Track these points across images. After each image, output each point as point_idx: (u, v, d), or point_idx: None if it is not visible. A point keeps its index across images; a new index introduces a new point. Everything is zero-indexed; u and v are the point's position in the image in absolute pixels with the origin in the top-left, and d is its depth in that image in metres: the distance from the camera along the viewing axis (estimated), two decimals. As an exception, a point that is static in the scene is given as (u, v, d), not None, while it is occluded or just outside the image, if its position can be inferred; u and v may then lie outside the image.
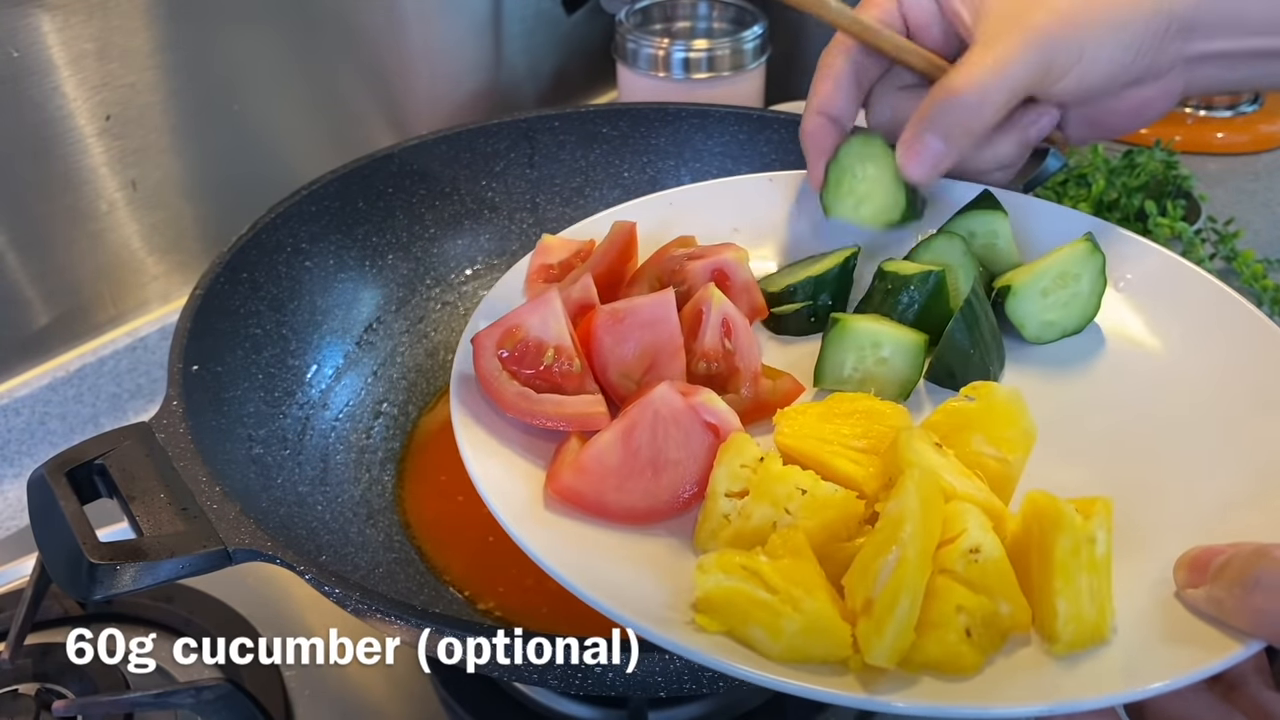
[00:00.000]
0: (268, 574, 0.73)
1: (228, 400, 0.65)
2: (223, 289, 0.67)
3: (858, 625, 0.36)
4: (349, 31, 0.95)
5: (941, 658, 0.36)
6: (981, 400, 0.42)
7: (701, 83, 1.02)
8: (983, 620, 0.36)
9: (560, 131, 0.85)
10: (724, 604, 0.37)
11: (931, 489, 0.36)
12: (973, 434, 0.42)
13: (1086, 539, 0.36)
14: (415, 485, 0.72)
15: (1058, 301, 0.52)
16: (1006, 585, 0.37)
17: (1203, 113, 1.23)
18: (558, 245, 0.54)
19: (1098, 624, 0.37)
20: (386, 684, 0.69)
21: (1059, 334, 0.52)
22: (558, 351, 0.45)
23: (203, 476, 0.53)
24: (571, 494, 0.42)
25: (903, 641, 0.35)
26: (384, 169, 0.79)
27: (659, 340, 0.46)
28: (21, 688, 0.65)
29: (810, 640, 0.36)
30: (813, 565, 0.38)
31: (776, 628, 0.36)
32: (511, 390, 0.44)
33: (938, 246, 0.54)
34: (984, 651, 0.36)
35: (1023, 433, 0.42)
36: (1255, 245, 1.02)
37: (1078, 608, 0.36)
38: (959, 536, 0.37)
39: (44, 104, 0.79)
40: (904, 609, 0.35)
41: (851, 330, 0.49)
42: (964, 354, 0.49)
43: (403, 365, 0.78)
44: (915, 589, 0.35)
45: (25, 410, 0.85)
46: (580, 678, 0.50)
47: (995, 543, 0.37)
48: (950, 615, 0.36)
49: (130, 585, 0.48)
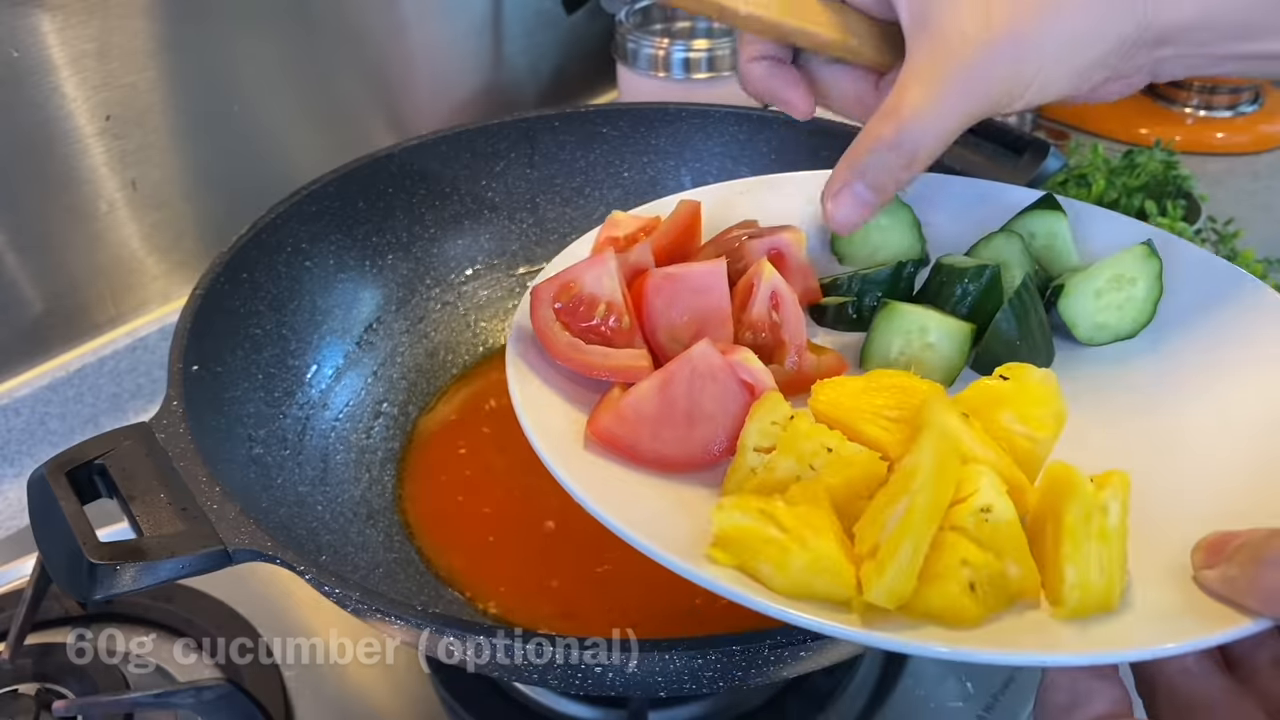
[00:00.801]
0: (268, 574, 0.73)
1: (228, 400, 0.65)
2: (223, 289, 0.67)
3: (862, 567, 0.37)
4: (349, 32, 0.95)
5: (943, 607, 0.36)
6: (1015, 380, 0.43)
7: (701, 83, 1.02)
8: (988, 577, 0.37)
9: (560, 131, 0.85)
10: (737, 540, 0.38)
11: (947, 447, 0.37)
12: (1003, 411, 0.42)
13: (1099, 508, 0.37)
14: (415, 485, 0.72)
15: (1112, 304, 0.52)
16: (1016, 547, 0.38)
17: (1203, 113, 1.24)
18: (625, 220, 0.55)
19: (1106, 592, 0.37)
20: (386, 684, 0.69)
21: (1112, 337, 0.52)
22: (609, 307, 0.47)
23: (203, 476, 0.53)
24: (609, 437, 0.44)
25: (903, 585, 0.36)
26: (384, 169, 0.79)
27: (708, 306, 0.48)
28: (22, 688, 0.65)
29: (815, 576, 0.37)
30: (826, 512, 0.39)
31: (784, 563, 0.37)
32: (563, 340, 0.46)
33: (997, 244, 0.54)
34: (987, 607, 0.37)
35: (1054, 414, 0.43)
36: (1255, 245, 1.02)
37: (1085, 574, 0.37)
38: (971, 496, 0.38)
39: (44, 104, 0.79)
40: (906, 553, 0.36)
41: (900, 314, 0.50)
42: (1010, 345, 0.50)
43: (403, 365, 0.78)
44: (919, 537, 0.36)
45: (25, 410, 0.85)
46: (580, 678, 0.50)
47: (1007, 505, 0.38)
48: (954, 568, 0.37)
49: (130, 585, 0.48)
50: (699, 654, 0.47)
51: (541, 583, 0.65)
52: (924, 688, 0.67)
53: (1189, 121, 1.23)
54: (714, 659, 0.48)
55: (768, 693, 0.67)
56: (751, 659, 0.48)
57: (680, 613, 0.63)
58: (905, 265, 0.53)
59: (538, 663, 0.49)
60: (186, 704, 0.62)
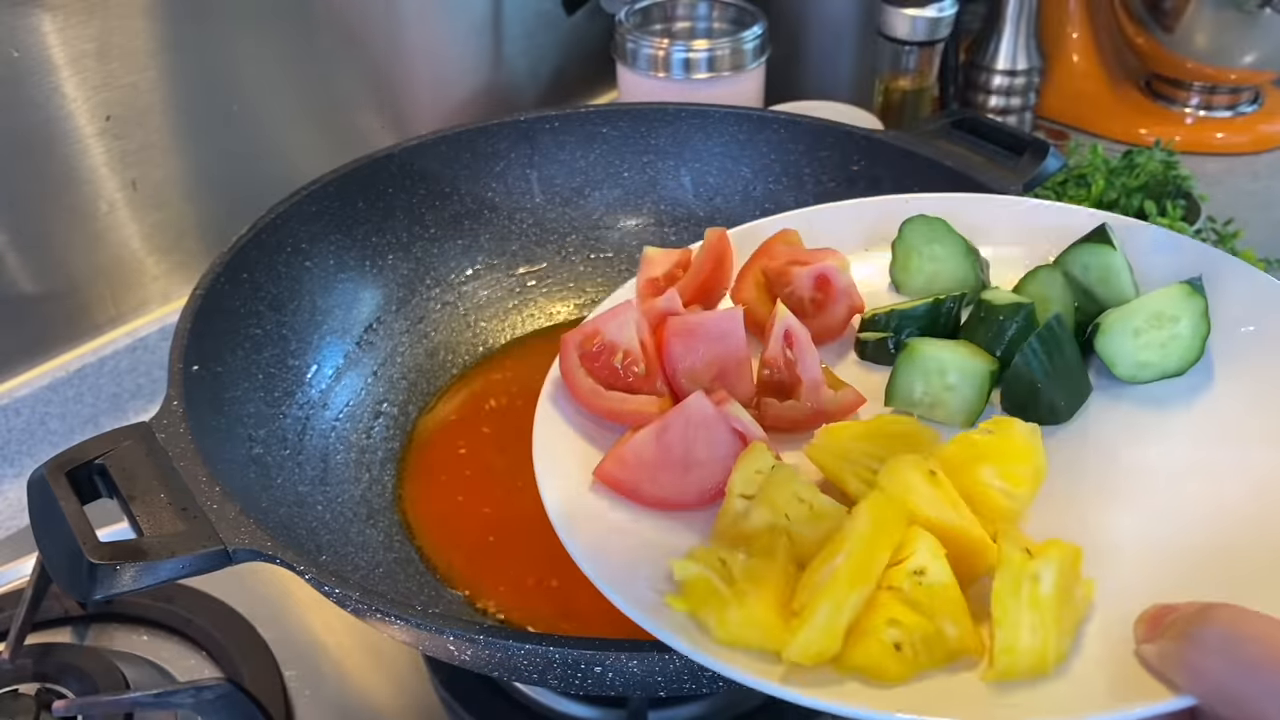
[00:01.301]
0: (268, 574, 0.73)
1: (228, 400, 0.65)
2: (223, 289, 0.67)
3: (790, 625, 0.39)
4: (349, 32, 0.95)
5: (865, 664, 0.38)
6: (998, 434, 0.44)
7: (701, 83, 1.02)
8: (921, 638, 0.38)
9: (560, 131, 0.85)
10: (693, 589, 0.41)
11: (886, 511, 0.39)
12: (984, 466, 0.43)
13: (1029, 576, 0.38)
14: (415, 485, 0.72)
15: (1153, 342, 0.50)
16: (953, 609, 0.39)
17: (1202, 113, 1.24)
18: (659, 258, 0.57)
19: (1039, 657, 0.38)
20: (387, 684, 0.69)
21: (1157, 375, 0.50)
22: (626, 355, 0.50)
23: (203, 476, 0.53)
24: (611, 480, 0.47)
25: (820, 644, 0.38)
26: (384, 169, 0.79)
27: (726, 351, 0.50)
28: (22, 688, 0.65)
29: (747, 630, 0.39)
30: (777, 566, 0.41)
31: (723, 616, 0.40)
32: (585, 385, 0.50)
33: (1041, 279, 0.53)
34: (914, 666, 0.38)
35: (1033, 470, 0.44)
36: (1255, 245, 1.02)
37: (1013, 639, 0.38)
38: (909, 558, 0.39)
39: (44, 104, 0.79)
40: (823, 614, 0.38)
41: (920, 355, 0.49)
42: (1030, 385, 0.49)
43: (403, 365, 0.78)
44: (839, 598, 0.38)
45: (25, 410, 0.85)
46: (580, 678, 0.50)
47: (943, 568, 0.39)
48: (881, 627, 0.38)
49: (130, 585, 0.48)
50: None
51: (541, 583, 0.66)
52: (924, 688, 0.67)
53: (1188, 121, 1.23)
54: (714, 659, 0.48)
55: (767, 694, 0.67)
56: (751, 659, 0.48)
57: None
58: (945, 301, 0.52)
59: (537, 663, 0.49)
60: (186, 704, 0.62)
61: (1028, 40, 1.17)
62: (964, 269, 0.55)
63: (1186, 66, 1.20)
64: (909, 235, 0.55)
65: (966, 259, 0.55)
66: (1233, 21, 1.14)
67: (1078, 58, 1.25)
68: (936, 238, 0.55)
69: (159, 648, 0.71)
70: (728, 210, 0.86)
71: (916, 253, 0.55)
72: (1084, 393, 0.50)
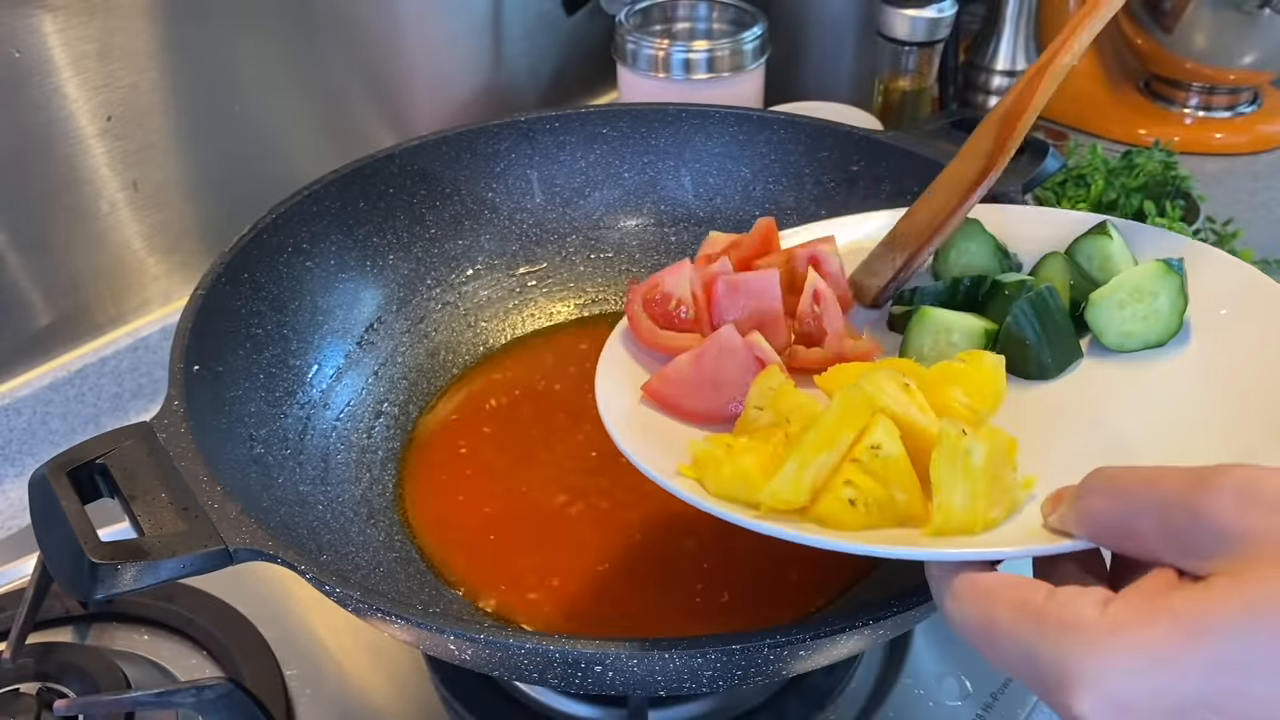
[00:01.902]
0: (269, 573, 0.73)
1: (229, 400, 0.65)
2: (224, 289, 0.67)
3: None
4: (350, 32, 0.95)
5: (825, 514, 0.47)
6: (970, 363, 0.53)
7: (701, 83, 1.02)
8: (874, 499, 0.46)
9: (561, 132, 0.85)
10: (700, 460, 0.50)
11: (853, 397, 0.47)
12: (954, 387, 0.51)
13: (963, 450, 0.45)
14: (416, 485, 0.72)
15: (1136, 315, 0.56)
16: (902, 479, 0.47)
17: (1202, 114, 1.24)
18: (720, 239, 0.67)
19: (966, 519, 0.45)
20: (387, 683, 0.69)
21: (1140, 344, 0.56)
22: (678, 302, 0.60)
23: (204, 476, 0.53)
24: (656, 395, 0.57)
25: (787, 490, 0.47)
26: (385, 169, 0.79)
27: (763, 305, 0.60)
28: (23, 687, 0.66)
29: (734, 484, 0.48)
30: (770, 445, 0.49)
31: (717, 473, 0.49)
32: (645, 325, 0.60)
33: (1048, 262, 0.61)
34: (867, 520, 0.46)
35: (994, 391, 0.53)
36: (1254, 245, 1.02)
37: (948, 500, 0.45)
38: (869, 436, 0.47)
39: (45, 105, 0.79)
40: (789, 468, 0.47)
41: (929, 316, 0.58)
42: (1020, 343, 0.56)
43: (404, 365, 0.79)
44: (803, 457, 0.47)
45: (26, 410, 0.85)
46: (580, 677, 0.50)
47: (895, 444, 0.47)
48: (839, 486, 0.46)
49: (131, 585, 0.49)
50: (699, 653, 0.47)
51: (542, 581, 0.66)
52: (923, 687, 0.68)
53: (1188, 122, 1.23)
54: (713, 658, 0.48)
55: (767, 692, 0.67)
56: (751, 658, 0.49)
57: (680, 612, 0.63)
58: (962, 280, 0.60)
59: (537, 662, 0.49)
60: (187, 703, 0.62)
61: (1027, 41, 1.17)
62: (992, 262, 0.62)
63: (1185, 67, 1.20)
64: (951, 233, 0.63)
65: (995, 254, 0.62)
66: (1232, 22, 1.14)
67: (1077, 58, 1.25)
68: (971, 235, 0.62)
69: (160, 647, 0.71)
70: (728, 210, 0.86)
71: (955, 248, 0.63)
72: (1072, 355, 0.57)
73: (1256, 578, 0.33)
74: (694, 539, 0.67)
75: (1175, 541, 0.36)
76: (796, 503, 0.47)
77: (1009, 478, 0.46)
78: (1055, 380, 0.56)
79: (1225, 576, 0.34)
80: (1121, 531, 0.38)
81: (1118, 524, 0.39)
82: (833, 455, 0.47)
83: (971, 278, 0.60)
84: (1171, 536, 0.36)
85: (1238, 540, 0.34)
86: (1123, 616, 0.35)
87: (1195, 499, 0.36)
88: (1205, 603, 0.34)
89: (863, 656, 0.69)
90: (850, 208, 0.82)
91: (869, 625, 0.49)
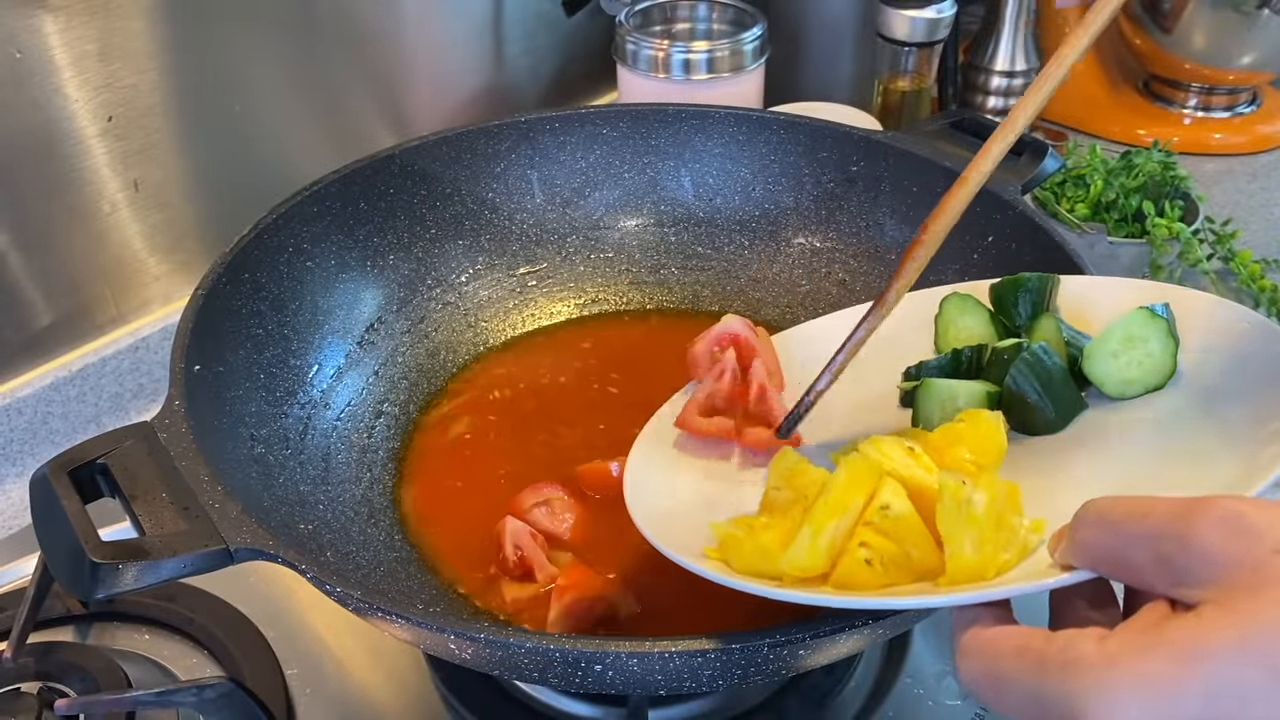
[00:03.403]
0: (270, 573, 0.74)
1: (229, 400, 0.65)
2: (224, 289, 0.67)
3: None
4: (351, 33, 0.96)
5: (845, 578, 0.48)
6: (969, 422, 0.54)
7: (701, 84, 1.02)
8: (889, 557, 0.48)
9: (561, 132, 0.85)
10: (724, 542, 0.52)
11: (860, 465, 0.49)
12: (958, 446, 0.53)
13: (965, 500, 0.46)
14: (416, 484, 0.72)
15: (1131, 361, 0.56)
16: (915, 536, 0.48)
17: (1201, 114, 1.24)
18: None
19: (978, 565, 0.46)
20: (388, 682, 0.69)
21: (1142, 389, 0.57)
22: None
23: (204, 476, 0.54)
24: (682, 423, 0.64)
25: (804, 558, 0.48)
26: (385, 170, 0.79)
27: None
28: (24, 686, 0.66)
29: (756, 559, 0.50)
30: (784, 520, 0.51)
31: (740, 552, 0.51)
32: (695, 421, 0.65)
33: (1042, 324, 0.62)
34: (886, 579, 0.47)
35: (996, 445, 0.54)
36: (1253, 245, 1.03)
37: (958, 549, 0.46)
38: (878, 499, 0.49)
39: (46, 105, 0.79)
40: (805, 535, 0.48)
41: (933, 387, 0.60)
42: (1022, 401, 0.57)
43: (404, 365, 0.79)
44: (817, 524, 0.48)
45: (28, 410, 0.85)
46: (580, 676, 0.50)
47: (904, 503, 0.48)
48: (855, 548, 0.48)
49: (132, 584, 0.49)
50: (698, 653, 0.47)
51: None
52: (922, 686, 0.68)
53: (1187, 122, 1.23)
54: (713, 658, 0.48)
55: (767, 691, 0.67)
56: (751, 658, 0.49)
57: (681, 611, 0.63)
58: (963, 351, 0.62)
59: (538, 661, 0.49)
60: (188, 702, 0.62)
61: (1026, 41, 1.17)
62: (988, 333, 0.64)
63: (1185, 67, 1.20)
64: (947, 310, 0.65)
65: (990, 326, 0.64)
66: (1231, 22, 1.14)
67: (1077, 58, 1.25)
68: (967, 310, 0.64)
69: (161, 646, 0.71)
70: (728, 210, 0.86)
71: (953, 324, 0.65)
72: (1075, 407, 0.58)
73: (1245, 607, 0.35)
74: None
75: (1167, 571, 0.37)
76: (816, 569, 0.48)
77: (1015, 523, 0.47)
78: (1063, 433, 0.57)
79: (1215, 605, 0.35)
80: (1116, 562, 0.40)
81: (1111, 555, 0.40)
82: (845, 520, 0.48)
83: (971, 348, 0.62)
84: (1163, 566, 0.37)
85: (1225, 568, 0.36)
86: (1120, 651, 0.36)
87: (1183, 530, 0.37)
88: (1197, 632, 0.35)
89: (862, 656, 0.69)
90: (850, 208, 0.83)
91: (869, 625, 0.49)
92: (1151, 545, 0.38)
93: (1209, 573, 0.36)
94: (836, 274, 0.83)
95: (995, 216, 0.73)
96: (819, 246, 0.84)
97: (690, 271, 0.87)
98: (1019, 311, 0.63)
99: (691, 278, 0.86)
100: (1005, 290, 0.63)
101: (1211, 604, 0.35)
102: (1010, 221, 0.73)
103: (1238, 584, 0.35)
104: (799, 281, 0.84)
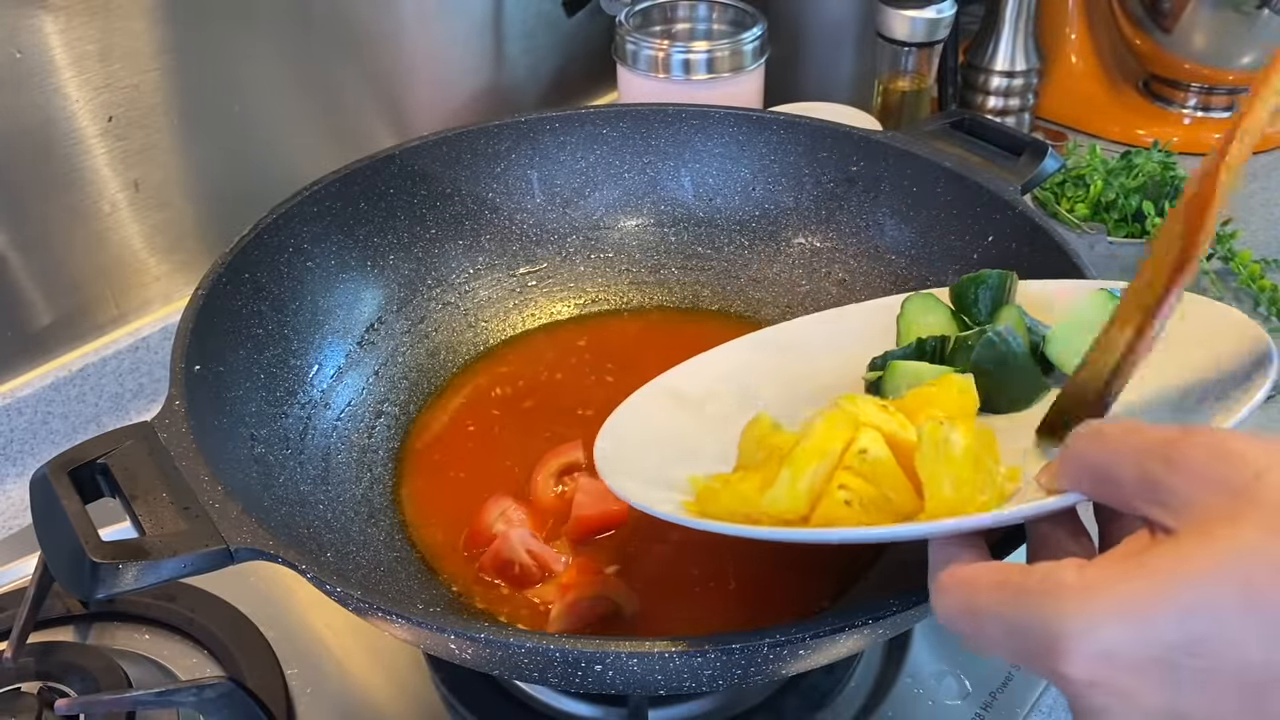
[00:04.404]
0: (270, 573, 0.74)
1: (230, 400, 0.65)
2: (225, 289, 0.67)
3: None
4: (351, 33, 0.96)
5: (824, 518, 0.49)
6: (940, 385, 0.56)
7: (701, 84, 1.02)
8: (868, 498, 0.49)
9: (561, 132, 0.85)
10: (701, 494, 0.54)
11: (837, 415, 0.51)
12: (933, 408, 0.54)
13: (942, 440, 0.47)
14: (417, 484, 0.72)
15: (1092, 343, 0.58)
16: (893, 480, 0.49)
17: (1200, 114, 1.24)
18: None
19: (956, 503, 0.47)
20: (388, 682, 0.69)
21: None
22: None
23: (205, 476, 0.54)
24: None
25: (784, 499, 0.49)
26: (385, 170, 0.79)
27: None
28: (24, 686, 0.66)
29: (735, 505, 0.51)
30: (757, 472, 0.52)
31: (718, 499, 0.52)
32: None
33: (1003, 314, 0.63)
34: (864, 518, 0.49)
35: (967, 404, 0.55)
36: (1252, 245, 1.03)
37: (937, 488, 0.47)
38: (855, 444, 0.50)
39: (46, 105, 0.79)
40: (784, 477, 0.50)
41: (898, 369, 0.61)
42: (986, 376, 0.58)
43: (404, 365, 0.79)
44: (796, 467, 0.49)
45: (28, 410, 0.85)
46: (580, 676, 0.50)
47: (881, 448, 0.50)
48: (834, 490, 0.49)
49: (132, 584, 0.49)
50: (698, 653, 0.48)
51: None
52: (922, 686, 0.68)
53: (1186, 122, 1.24)
54: (713, 658, 0.48)
55: (767, 691, 0.67)
56: (751, 658, 0.49)
57: (682, 611, 0.63)
58: (927, 340, 0.63)
59: (538, 661, 0.49)
60: (188, 702, 0.62)
61: (1026, 41, 1.17)
62: (950, 330, 0.64)
63: (1184, 67, 1.20)
64: (909, 310, 0.66)
65: (951, 323, 0.65)
66: (1231, 22, 1.14)
67: (1076, 59, 1.25)
68: (929, 309, 0.65)
69: (161, 646, 0.71)
70: (727, 210, 0.86)
71: (915, 323, 0.65)
72: (1038, 387, 0.60)
73: (1223, 532, 0.35)
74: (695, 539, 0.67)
75: (1150, 489, 0.38)
76: (796, 511, 0.49)
77: (992, 466, 0.49)
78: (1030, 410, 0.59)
79: (1194, 532, 0.36)
80: (1102, 476, 0.40)
81: (1100, 470, 0.40)
82: (824, 464, 0.49)
83: (935, 337, 0.63)
84: (1147, 484, 0.38)
85: (1207, 489, 0.36)
86: (1100, 576, 0.37)
87: (1171, 450, 0.38)
88: (1176, 556, 0.36)
89: (862, 656, 0.69)
90: (850, 208, 0.83)
91: (868, 625, 0.49)
92: (1139, 461, 0.38)
93: (1191, 493, 0.37)
94: (836, 274, 0.83)
95: (995, 216, 0.74)
96: (819, 246, 0.84)
97: (690, 271, 0.87)
98: (979, 308, 0.64)
99: (691, 278, 0.86)
100: (965, 287, 0.64)
101: (1190, 531, 0.36)
102: (1010, 221, 0.73)
103: (1217, 509, 0.36)
104: (799, 281, 0.84)
